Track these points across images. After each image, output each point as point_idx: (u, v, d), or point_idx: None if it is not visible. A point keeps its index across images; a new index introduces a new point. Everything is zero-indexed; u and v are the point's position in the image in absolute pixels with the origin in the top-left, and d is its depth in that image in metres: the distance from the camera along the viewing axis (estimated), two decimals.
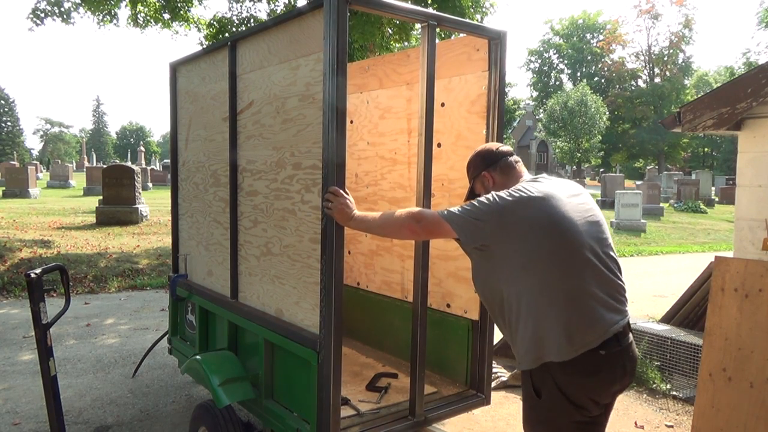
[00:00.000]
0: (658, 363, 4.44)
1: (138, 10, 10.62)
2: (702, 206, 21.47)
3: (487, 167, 2.10)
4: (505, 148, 2.15)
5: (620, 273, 1.91)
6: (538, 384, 1.86)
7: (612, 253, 1.90)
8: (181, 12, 10.95)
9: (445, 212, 1.92)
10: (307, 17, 2.34)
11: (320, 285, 2.25)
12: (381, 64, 3.58)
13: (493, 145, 2.17)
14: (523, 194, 1.85)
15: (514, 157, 2.12)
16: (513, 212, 1.82)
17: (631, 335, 1.90)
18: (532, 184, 1.92)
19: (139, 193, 12.39)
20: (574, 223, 1.82)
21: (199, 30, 11.58)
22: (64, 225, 11.56)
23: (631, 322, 1.95)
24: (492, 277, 1.91)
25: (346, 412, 2.58)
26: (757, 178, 3.62)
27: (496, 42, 2.75)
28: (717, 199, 25.38)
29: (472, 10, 9.87)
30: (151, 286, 7.77)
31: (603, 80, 52.18)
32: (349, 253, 3.89)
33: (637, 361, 1.97)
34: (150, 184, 23.95)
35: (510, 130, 55.86)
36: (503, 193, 1.87)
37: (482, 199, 1.89)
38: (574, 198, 1.92)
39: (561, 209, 1.83)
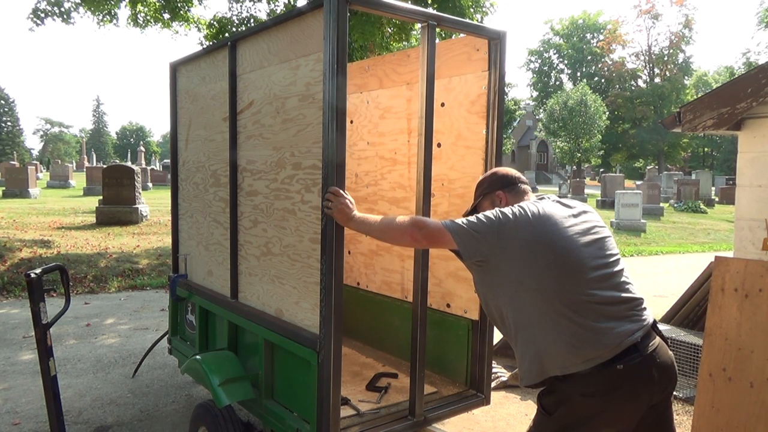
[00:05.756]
0: None
1: (138, 10, 10.63)
2: (702, 206, 21.48)
3: (503, 187, 2.10)
4: (522, 176, 2.18)
5: (632, 285, 1.88)
6: (549, 401, 1.83)
7: (618, 268, 1.87)
8: (181, 12, 10.95)
9: (449, 222, 1.91)
10: (307, 17, 2.34)
11: (320, 285, 2.25)
12: (381, 64, 3.58)
13: (512, 171, 2.19)
14: (523, 211, 1.86)
15: (527, 186, 2.13)
16: (511, 229, 1.83)
17: (657, 339, 1.84)
18: (534, 203, 1.93)
19: (139, 193, 12.39)
20: (573, 240, 1.82)
21: (199, 30, 11.59)
22: (64, 225, 11.56)
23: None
24: (491, 292, 1.92)
25: (346, 412, 2.58)
26: (757, 178, 3.62)
27: (495, 42, 2.75)
28: (717, 199, 25.38)
29: (472, 10, 9.86)
30: (151, 286, 7.77)
31: (603, 80, 52.17)
32: (349, 253, 3.89)
33: (672, 363, 1.85)
34: (150, 184, 23.94)
35: (510, 130, 55.80)
36: (506, 209, 1.89)
37: (487, 213, 1.89)
38: (577, 217, 1.91)
39: (559, 227, 1.83)
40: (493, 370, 4.17)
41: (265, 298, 2.73)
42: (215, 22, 11.35)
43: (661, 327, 4.68)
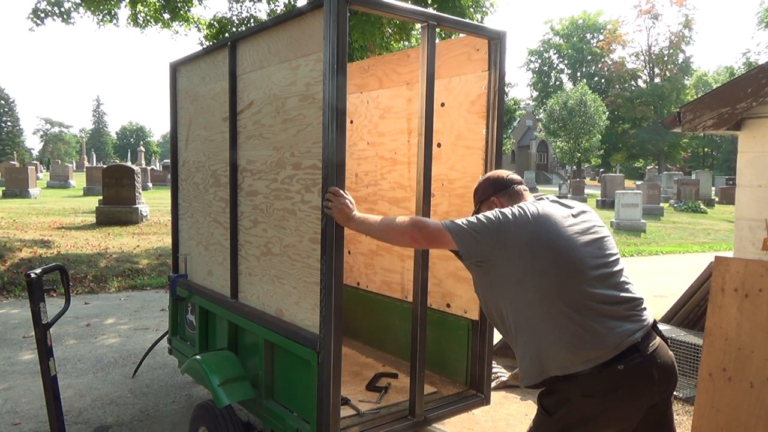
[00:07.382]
0: None
1: (138, 10, 10.62)
2: (702, 206, 21.47)
3: (496, 192, 2.10)
4: (515, 176, 2.17)
5: (631, 285, 1.88)
6: (550, 402, 1.83)
7: (617, 268, 1.87)
8: (181, 12, 10.95)
9: (449, 223, 1.91)
10: (307, 17, 2.34)
11: (320, 285, 2.25)
12: (381, 64, 3.58)
13: (504, 173, 2.18)
14: (522, 211, 1.87)
15: (523, 186, 2.13)
16: (511, 229, 1.83)
17: (657, 339, 1.85)
18: (533, 203, 1.93)
19: (139, 193, 12.39)
20: (572, 240, 1.82)
21: (199, 30, 11.58)
22: (64, 225, 11.56)
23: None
24: (491, 293, 1.92)
25: (346, 412, 2.59)
26: (757, 178, 3.62)
27: (495, 42, 2.75)
28: (717, 199, 25.37)
29: (472, 10, 9.86)
30: (151, 286, 7.77)
31: (603, 80, 52.18)
32: (349, 253, 3.89)
33: (672, 364, 1.86)
34: (150, 184, 23.94)
35: (510, 130, 55.80)
36: (506, 210, 1.89)
37: (487, 214, 1.89)
38: (576, 217, 1.92)
39: (558, 227, 1.83)
40: (493, 370, 4.17)
41: (265, 298, 2.73)
42: (215, 22, 11.35)
43: (661, 327, 4.68)
